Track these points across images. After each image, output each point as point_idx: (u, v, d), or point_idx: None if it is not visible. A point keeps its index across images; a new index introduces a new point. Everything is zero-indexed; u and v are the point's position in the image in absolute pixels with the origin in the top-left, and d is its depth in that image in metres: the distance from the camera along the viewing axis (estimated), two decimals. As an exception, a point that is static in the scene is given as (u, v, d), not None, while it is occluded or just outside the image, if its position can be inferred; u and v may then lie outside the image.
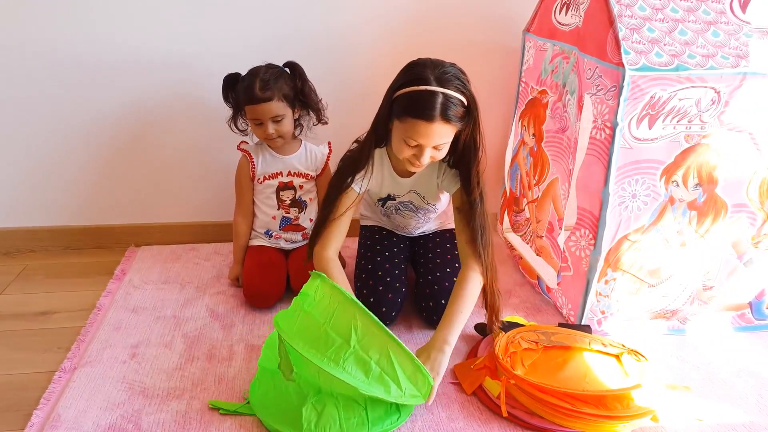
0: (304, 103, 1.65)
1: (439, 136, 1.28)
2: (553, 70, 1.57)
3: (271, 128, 1.57)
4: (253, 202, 1.73)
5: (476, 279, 1.35)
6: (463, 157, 1.37)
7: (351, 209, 1.42)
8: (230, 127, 1.67)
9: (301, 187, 1.69)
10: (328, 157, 1.71)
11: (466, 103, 1.28)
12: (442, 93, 1.24)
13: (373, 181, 1.46)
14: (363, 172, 1.41)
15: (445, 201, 1.60)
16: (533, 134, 1.68)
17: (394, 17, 1.82)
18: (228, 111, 1.65)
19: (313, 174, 1.70)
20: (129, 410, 1.23)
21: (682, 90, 1.27)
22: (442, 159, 1.38)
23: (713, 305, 1.48)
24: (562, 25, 1.54)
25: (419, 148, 1.31)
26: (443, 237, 1.66)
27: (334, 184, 1.42)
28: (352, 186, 1.41)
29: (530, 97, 1.71)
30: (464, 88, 1.28)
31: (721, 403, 1.28)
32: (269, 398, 1.23)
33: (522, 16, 1.75)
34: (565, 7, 1.53)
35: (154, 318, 1.55)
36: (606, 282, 1.42)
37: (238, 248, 1.72)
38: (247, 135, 1.70)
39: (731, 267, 1.44)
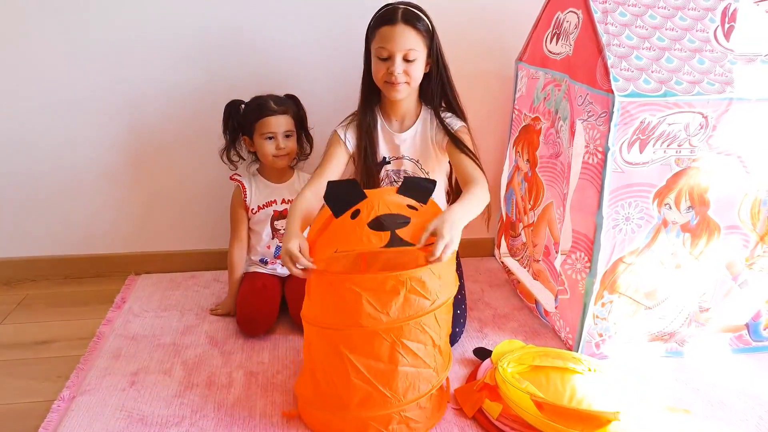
0: (302, 132, 1.70)
1: (405, 39, 1.39)
2: (545, 98, 1.61)
3: (283, 142, 1.63)
4: (249, 232, 1.74)
5: (485, 187, 1.35)
6: (441, 88, 1.51)
7: (337, 158, 1.49)
8: (222, 158, 1.70)
9: None
10: None
11: (427, 21, 1.44)
12: (403, 4, 1.44)
13: None
14: (349, 118, 1.55)
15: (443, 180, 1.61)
16: (527, 160, 1.71)
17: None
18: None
19: None
20: (128, 438, 1.23)
21: (670, 115, 1.31)
22: (427, 103, 1.53)
23: (710, 327, 1.49)
24: (553, 54, 1.58)
25: (390, 60, 1.41)
26: None
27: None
28: (336, 131, 1.53)
29: (523, 124, 1.75)
30: (422, 10, 1.44)
31: (721, 425, 1.28)
32: None
33: (514, 47, 1.80)
34: (555, 37, 1.58)
35: (153, 345, 1.55)
36: (603, 305, 1.43)
37: (233, 282, 1.71)
38: (237, 168, 1.73)
39: (726, 288, 1.46)
